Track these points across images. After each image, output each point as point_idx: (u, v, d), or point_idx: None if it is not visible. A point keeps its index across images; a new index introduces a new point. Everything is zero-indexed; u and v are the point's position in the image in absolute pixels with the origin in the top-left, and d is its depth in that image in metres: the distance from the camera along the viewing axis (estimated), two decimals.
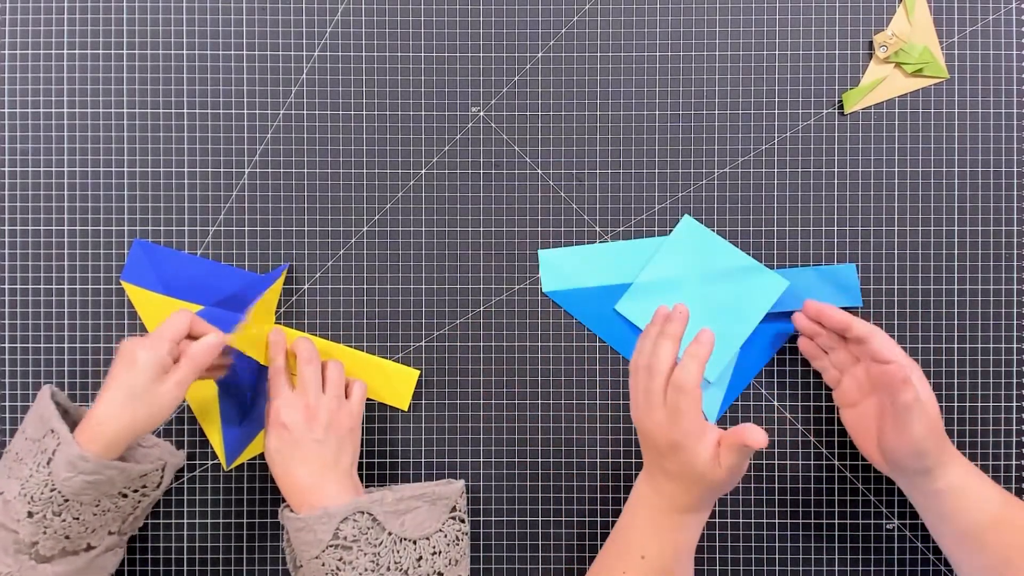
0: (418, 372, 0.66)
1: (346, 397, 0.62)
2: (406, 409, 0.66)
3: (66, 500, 0.53)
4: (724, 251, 0.66)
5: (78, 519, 0.54)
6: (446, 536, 0.59)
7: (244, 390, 0.65)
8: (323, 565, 0.56)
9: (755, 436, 0.52)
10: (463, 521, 0.60)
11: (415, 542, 0.57)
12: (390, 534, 0.56)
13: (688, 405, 0.53)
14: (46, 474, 0.53)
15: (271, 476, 0.66)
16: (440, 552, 0.58)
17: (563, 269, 0.66)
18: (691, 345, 0.55)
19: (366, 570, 0.55)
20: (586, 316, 0.66)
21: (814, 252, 0.66)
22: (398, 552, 0.56)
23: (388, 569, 0.56)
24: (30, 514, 0.53)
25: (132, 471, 0.56)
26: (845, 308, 0.66)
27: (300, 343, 0.63)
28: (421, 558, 0.57)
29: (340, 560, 0.55)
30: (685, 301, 0.65)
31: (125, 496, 0.57)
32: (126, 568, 0.65)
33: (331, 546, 0.55)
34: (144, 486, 0.58)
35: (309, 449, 0.59)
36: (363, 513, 0.56)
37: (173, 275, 0.66)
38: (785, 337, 0.66)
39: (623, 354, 0.66)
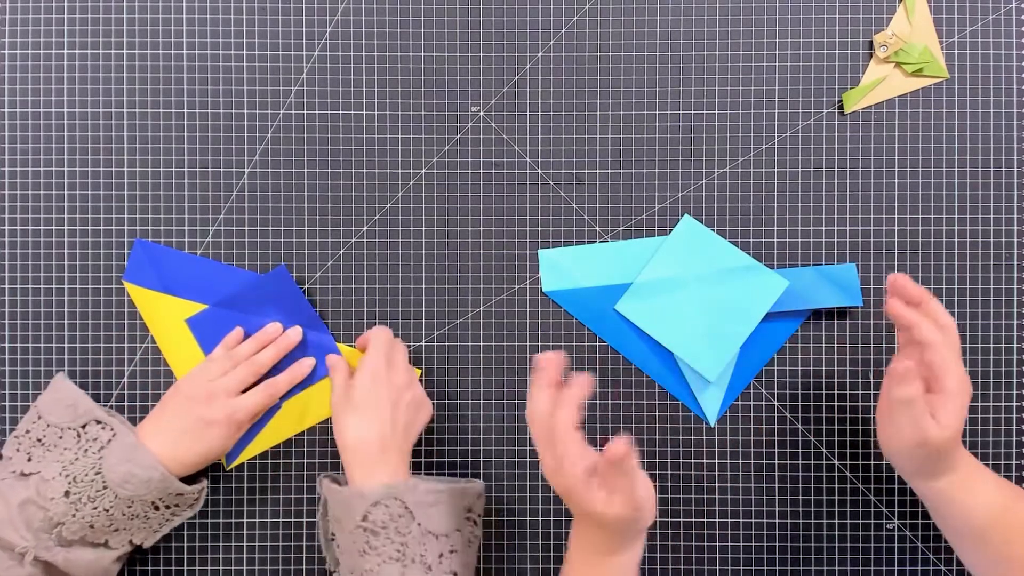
0: (419, 371, 0.66)
1: None
2: None
3: (105, 487, 0.56)
4: (724, 251, 0.66)
5: (108, 511, 0.56)
6: (463, 536, 0.58)
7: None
8: (354, 542, 0.55)
9: (612, 450, 0.47)
10: (476, 524, 0.60)
11: (438, 537, 0.56)
12: (419, 525, 0.55)
13: (559, 444, 0.49)
14: (95, 459, 0.56)
15: (271, 477, 0.66)
16: (456, 551, 0.57)
17: (563, 269, 0.66)
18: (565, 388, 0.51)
19: (390, 558, 0.54)
20: (586, 316, 0.66)
21: (814, 252, 0.66)
22: (424, 545, 0.55)
23: (412, 561, 0.55)
24: (67, 493, 0.55)
25: (172, 484, 0.58)
26: (844, 308, 0.66)
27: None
28: (442, 555, 0.56)
29: (367, 543, 0.55)
30: (685, 301, 0.65)
31: (157, 508, 0.58)
32: (126, 568, 0.65)
33: (359, 527, 0.55)
34: (177, 505, 0.60)
35: (391, 409, 0.59)
36: (396, 499, 0.55)
37: (173, 274, 0.66)
38: (786, 337, 0.66)
39: (623, 354, 0.66)
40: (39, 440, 0.58)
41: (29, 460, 0.57)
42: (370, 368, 0.59)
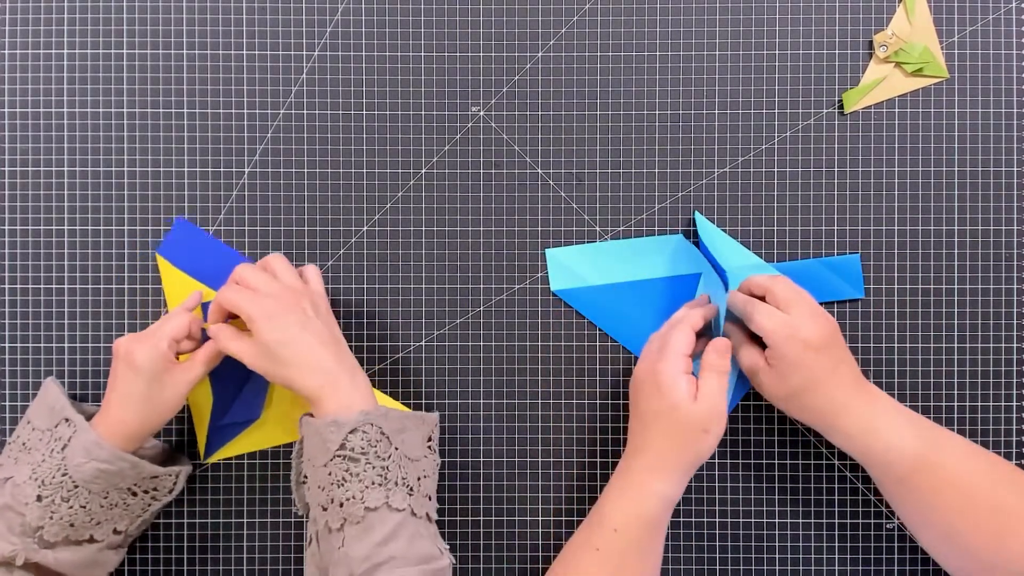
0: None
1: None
2: None
3: (76, 486, 0.55)
4: (733, 250, 0.65)
5: (85, 507, 0.55)
6: (430, 463, 0.58)
7: (237, 381, 0.65)
8: (330, 475, 0.54)
9: (720, 341, 0.58)
10: (435, 452, 0.59)
11: (413, 461, 0.56)
12: (397, 449, 0.55)
13: (674, 333, 0.58)
14: (59, 459, 0.55)
15: (271, 477, 0.66)
16: (428, 476, 0.57)
17: (571, 267, 0.66)
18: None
19: (373, 483, 0.53)
20: (596, 314, 0.66)
21: (814, 252, 0.66)
22: (403, 468, 0.55)
23: (396, 484, 0.54)
24: (39, 498, 0.54)
25: (144, 469, 0.57)
26: (845, 301, 0.66)
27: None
28: (419, 478, 0.56)
29: (347, 471, 0.53)
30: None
31: (135, 495, 0.58)
32: (126, 568, 0.65)
33: (338, 456, 0.54)
34: (155, 489, 0.59)
35: (315, 323, 0.57)
36: (372, 425, 0.54)
37: (205, 260, 0.66)
38: None
39: (634, 352, 0.66)
40: (24, 444, 0.57)
41: (16, 464, 0.57)
42: (267, 301, 0.56)
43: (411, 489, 0.55)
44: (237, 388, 0.65)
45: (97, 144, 0.66)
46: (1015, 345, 0.66)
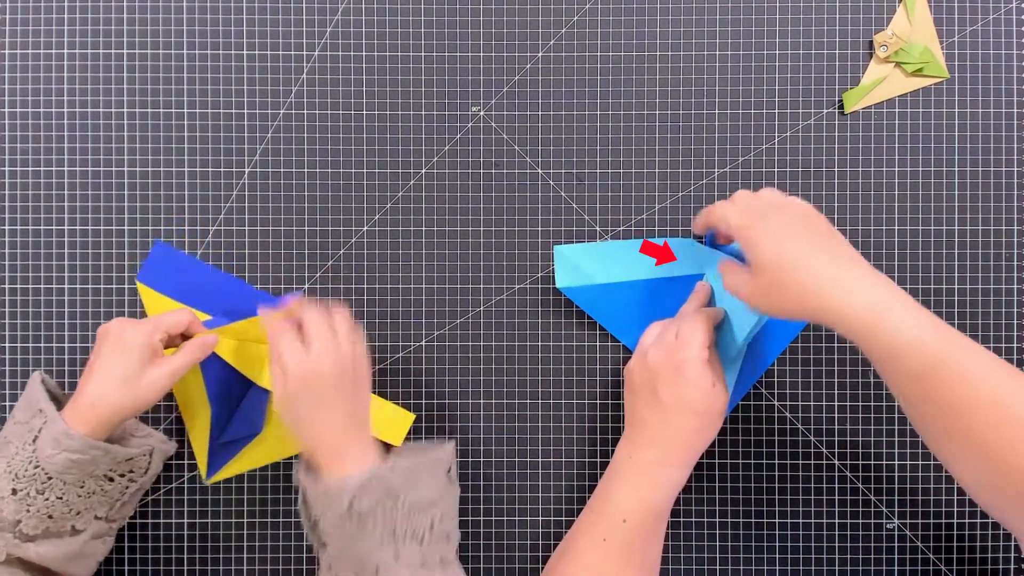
0: (413, 416, 0.64)
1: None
2: (399, 445, 0.64)
3: (49, 478, 0.54)
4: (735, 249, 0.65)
5: (61, 499, 0.55)
6: (449, 498, 0.58)
7: (235, 397, 0.65)
8: (343, 528, 0.54)
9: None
10: (454, 482, 0.60)
11: (425, 508, 0.56)
12: (405, 503, 0.55)
13: (698, 320, 0.58)
14: (31, 451, 0.54)
15: (271, 478, 0.66)
16: (447, 515, 0.57)
17: (578, 265, 0.66)
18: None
19: (382, 541, 0.54)
20: (600, 312, 0.66)
21: None
22: (413, 520, 0.55)
23: (404, 538, 0.54)
24: (14, 491, 0.54)
25: (117, 453, 0.56)
26: None
27: (302, 303, 0.60)
28: (432, 523, 0.56)
29: (357, 527, 0.54)
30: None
31: (111, 480, 0.57)
32: (126, 568, 0.65)
33: (346, 515, 0.54)
34: (131, 471, 0.58)
35: (333, 401, 0.57)
36: (379, 484, 0.55)
37: (188, 282, 0.65)
38: (791, 337, 0.66)
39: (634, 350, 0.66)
40: (5, 438, 0.56)
41: None
42: (293, 379, 0.56)
43: (421, 539, 0.55)
44: (235, 403, 0.65)
45: (97, 144, 0.66)
46: (1015, 345, 0.66)
